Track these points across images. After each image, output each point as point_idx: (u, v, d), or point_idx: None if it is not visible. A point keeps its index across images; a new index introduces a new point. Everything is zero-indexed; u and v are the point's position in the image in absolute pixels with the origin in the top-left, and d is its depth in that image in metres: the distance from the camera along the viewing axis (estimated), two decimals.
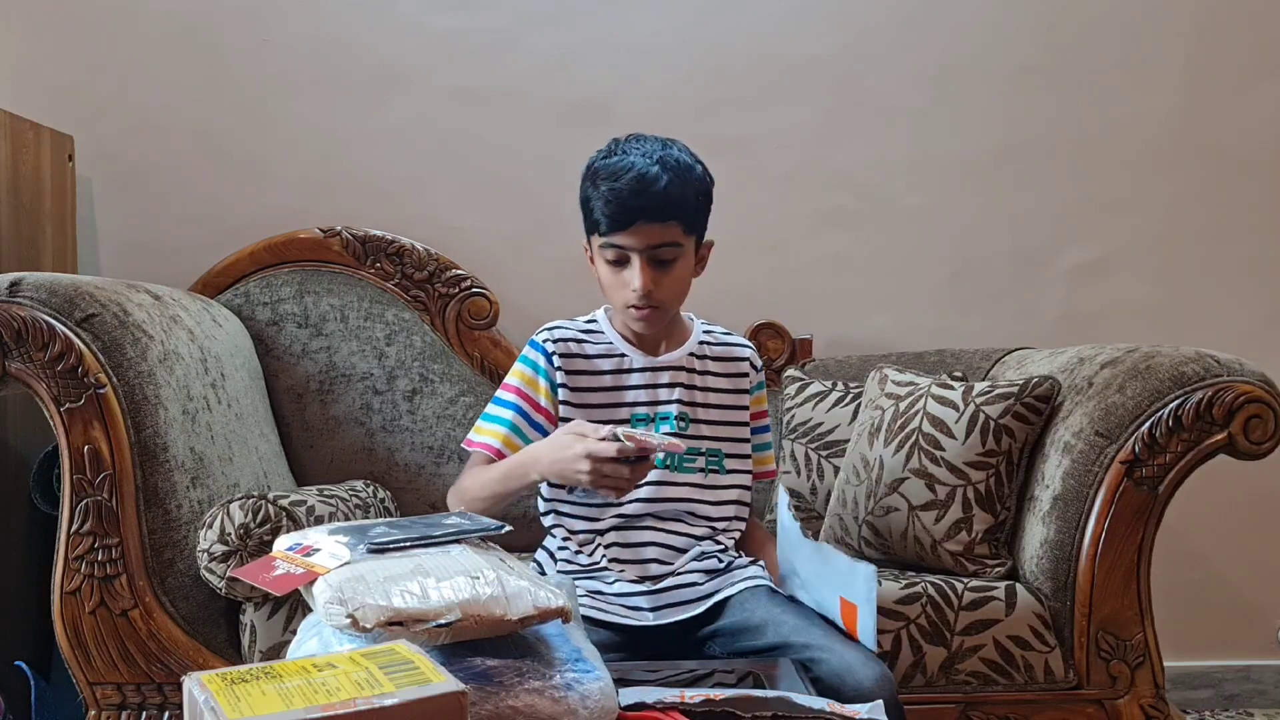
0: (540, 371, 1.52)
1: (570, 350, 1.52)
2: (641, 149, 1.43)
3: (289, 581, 0.99)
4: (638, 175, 1.39)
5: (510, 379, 1.54)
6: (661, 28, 2.37)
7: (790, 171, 2.40)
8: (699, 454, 1.52)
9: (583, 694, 0.95)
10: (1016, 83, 2.40)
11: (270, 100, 2.35)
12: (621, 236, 1.41)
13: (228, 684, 0.78)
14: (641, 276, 1.42)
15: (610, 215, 1.41)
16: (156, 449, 1.59)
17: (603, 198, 1.41)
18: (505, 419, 1.51)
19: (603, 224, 1.42)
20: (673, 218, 1.42)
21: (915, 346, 2.32)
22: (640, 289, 1.42)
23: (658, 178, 1.39)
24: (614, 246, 1.43)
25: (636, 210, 1.40)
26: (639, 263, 1.42)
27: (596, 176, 1.43)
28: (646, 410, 1.51)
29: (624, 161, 1.41)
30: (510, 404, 1.52)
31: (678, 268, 1.45)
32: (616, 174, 1.40)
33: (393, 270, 2.24)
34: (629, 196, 1.39)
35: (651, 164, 1.40)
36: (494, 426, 1.51)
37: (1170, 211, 2.42)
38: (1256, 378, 1.62)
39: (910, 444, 1.79)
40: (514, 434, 1.50)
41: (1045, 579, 1.68)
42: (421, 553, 1.04)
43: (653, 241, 1.42)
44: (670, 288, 1.46)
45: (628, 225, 1.40)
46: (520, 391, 1.52)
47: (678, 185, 1.41)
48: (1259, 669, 2.44)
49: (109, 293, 1.64)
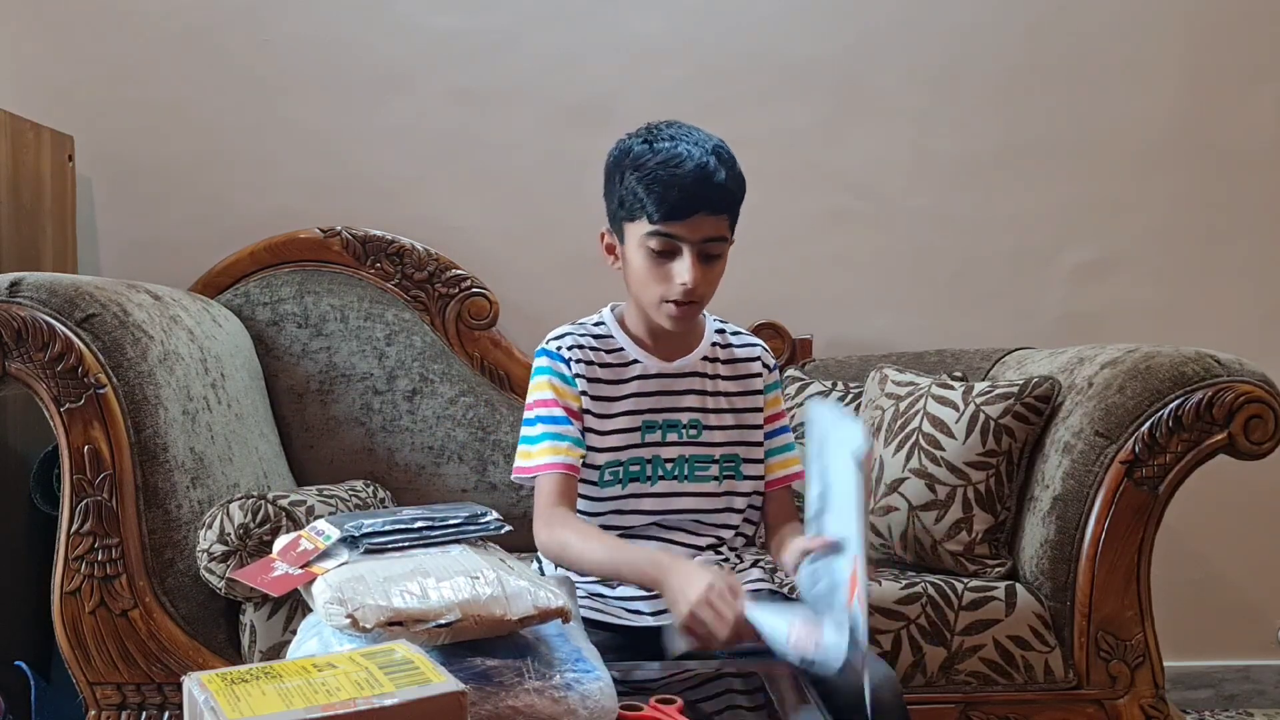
0: (564, 379, 1.45)
1: (587, 357, 1.46)
2: (691, 138, 1.37)
3: (287, 582, 0.99)
4: (699, 165, 1.33)
5: (540, 393, 1.44)
6: (662, 28, 2.37)
7: (790, 171, 2.40)
8: (712, 461, 1.48)
9: (583, 694, 0.95)
10: (1016, 83, 2.41)
11: (270, 100, 2.35)
12: (678, 227, 1.35)
13: (228, 684, 0.78)
14: (693, 270, 1.35)
15: (671, 203, 1.34)
16: (156, 449, 1.59)
17: (661, 184, 1.34)
18: (569, 435, 1.41)
19: (655, 213, 1.35)
20: (726, 211, 1.37)
21: (915, 346, 2.32)
22: (691, 282, 1.35)
23: (717, 169, 1.34)
24: (666, 236, 1.36)
25: (700, 200, 1.34)
26: (690, 256, 1.35)
27: (642, 162, 1.36)
28: (655, 418, 1.46)
29: (678, 149, 1.35)
30: (560, 419, 1.42)
31: (720, 264, 1.40)
32: (675, 162, 1.34)
33: (393, 270, 2.24)
34: (692, 185, 1.33)
35: (708, 154, 1.35)
36: (554, 444, 1.41)
37: (1170, 211, 2.42)
38: (1256, 378, 1.62)
39: (910, 444, 1.79)
40: (573, 445, 1.41)
41: (1045, 579, 1.68)
42: (421, 553, 1.04)
43: (708, 234, 1.36)
44: (712, 283, 1.40)
45: (687, 215, 1.34)
46: (557, 404, 1.43)
47: (733, 179, 1.37)
48: (1259, 669, 2.44)
49: (109, 293, 1.64)
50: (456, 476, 2.17)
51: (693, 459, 1.46)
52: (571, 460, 1.40)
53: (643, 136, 1.40)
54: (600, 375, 1.47)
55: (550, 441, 1.41)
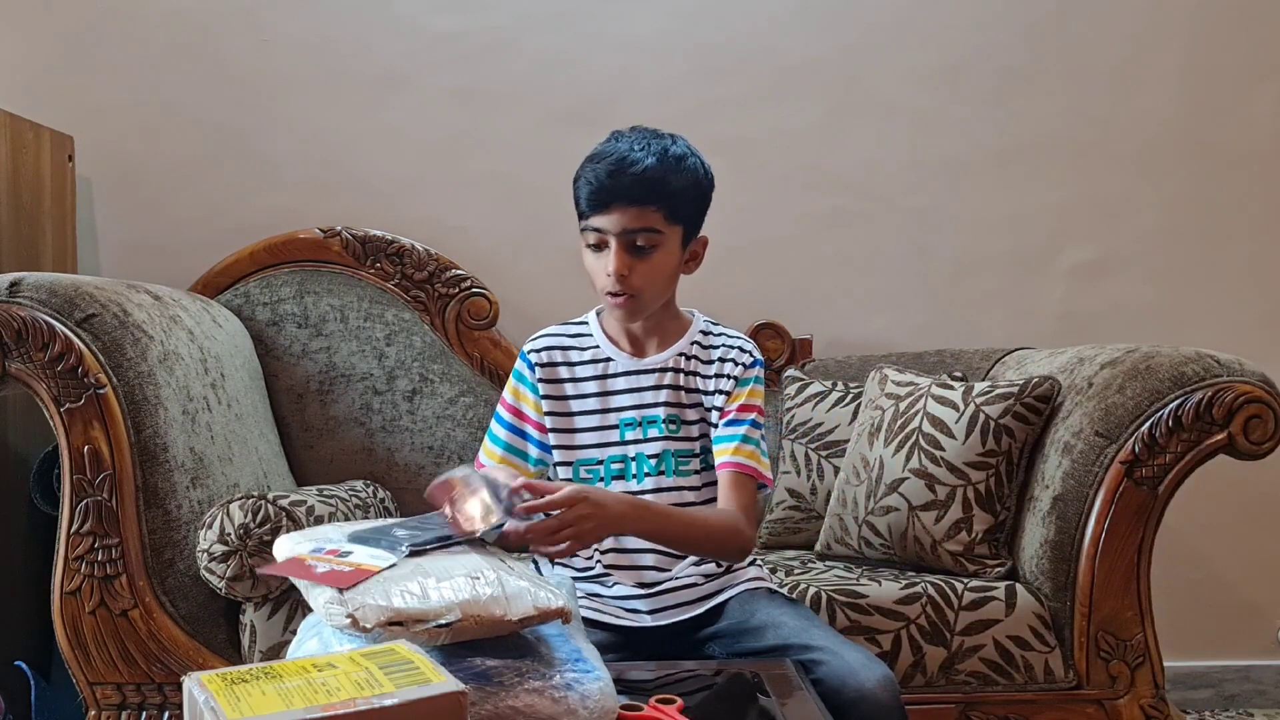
0: (525, 383, 1.52)
1: (554, 359, 1.51)
2: (635, 137, 1.43)
3: (341, 579, 0.98)
4: (619, 157, 1.39)
5: (505, 393, 1.55)
6: (661, 28, 2.37)
7: (790, 171, 2.40)
8: (694, 455, 1.50)
9: (583, 694, 0.95)
10: (1016, 83, 2.40)
11: (270, 100, 2.35)
12: (599, 218, 1.40)
13: (228, 684, 0.78)
14: (615, 260, 1.39)
15: (589, 196, 1.40)
16: (156, 449, 1.59)
17: (585, 179, 1.41)
18: (499, 438, 1.53)
19: (584, 206, 1.42)
20: (651, 202, 1.39)
21: (915, 346, 2.32)
22: (613, 271, 1.39)
23: (638, 161, 1.38)
24: (593, 230, 1.41)
25: (613, 191, 1.38)
26: (615, 246, 1.40)
27: (585, 161, 1.43)
28: (634, 414, 1.48)
29: (612, 146, 1.42)
30: (503, 421, 1.53)
31: (657, 256, 1.41)
32: (601, 157, 1.41)
33: (393, 270, 2.24)
34: (606, 177, 1.38)
35: (637, 149, 1.40)
36: (492, 446, 1.53)
37: (1169, 211, 2.42)
38: (1256, 378, 1.62)
39: (910, 444, 1.79)
40: (509, 453, 1.51)
41: (1045, 579, 1.68)
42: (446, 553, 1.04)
43: (629, 225, 1.39)
44: (647, 276, 1.42)
45: (605, 206, 1.39)
46: (510, 406, 1.53)
47: (659, 170, 1.39)
48: (1259, 669, 2.44)
49: (109, 293, 1.64)
50: None
51: (676, 454, 1.48)
52: (486, 460, 1.51)
53: (605, 139, 1.46)
54: (567, 375, 1.52)
55: (494, 446, 1.52)
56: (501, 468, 1.44)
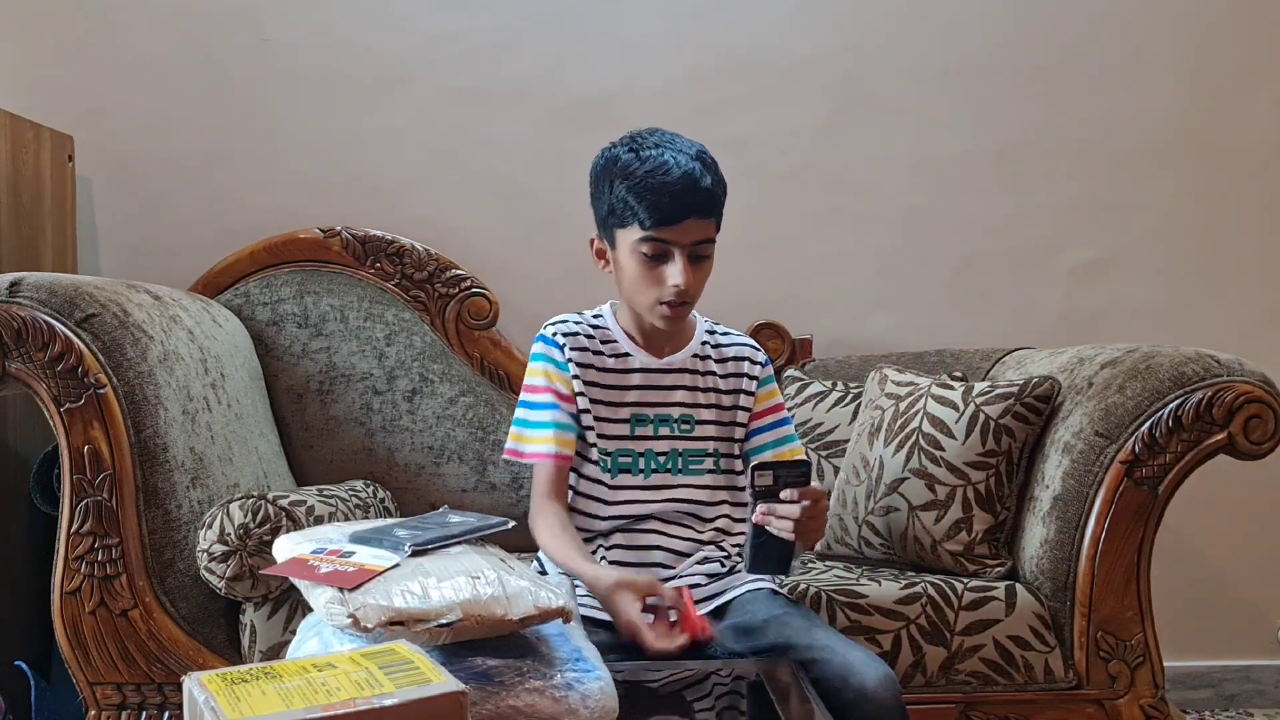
0: (558, 364, 1.51)
1: (581, 344, 1.53)
2: (675, 145, 1.43)
3: (345, 579, 0.98)
4: (686, 172, 1.40)
5: (533, 378, 1.53)
6: (662, 28, 2.37)
7: (790, 171, 2.40)
8: (706, 455, 1.52)
9: (583, 694, 0.95)
10: (1016, 83, 2.40)
11: (270, 100, 2.35)
12: (670, 232, 1.41)
13: (228, 684, 0.78)
14: (685, 273, 1.42)
15: (662, 210, 1.40)
16: (156, 449, 1.59)
17: (651, 192, 1.40)
18: (547, 421, 1.49)
19: (647, 219, 1.41)
20: (713, 214, 1.44)
21: (915, 346, 2.32)
22: (683, 284, 1.42)
23: (703, 175, 1.41)
24: (658, 241, 1.42)
25: (690, 206, 1.40)
26: (681, 259, 1.42)
27: (631, 171, 1.42)
28: (649, 411, 1.51)
29: (664, 157, 1.41)
30: (546, 404, 1.50)
31: (708, 264, 1.47)
32: (663, 170, 1.40)
33: (393, 270, 2.24)
34: (682, 192, 1.40)
35: (692, 160, 1.41)
36: (540, 432, 1.49)
37: (1170, 211, 2.42)
38: (1256, 378, 1.62)
39: (910, 444, 1.79)
40: (561, 431, 1.49)
41: (1045, 579, 1.68)
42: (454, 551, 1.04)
43: (697, 237, 1.43)
44: (702, 282, 1.47)
45: (678, 221, 1.40)
46: (549, 388, 1.51)
47: (718, 183, 1.44)
48: (1259, 669, 2.44)
49: (109, 293, 1.64)
50: (456, 476, 2.17)
51: (686, 453, 1.51)
52: (564, 450, 1.48)
53: (628, 145, 1.46)
54: (593, 363, 1.52)
55: (541, 430, 1.49)
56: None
